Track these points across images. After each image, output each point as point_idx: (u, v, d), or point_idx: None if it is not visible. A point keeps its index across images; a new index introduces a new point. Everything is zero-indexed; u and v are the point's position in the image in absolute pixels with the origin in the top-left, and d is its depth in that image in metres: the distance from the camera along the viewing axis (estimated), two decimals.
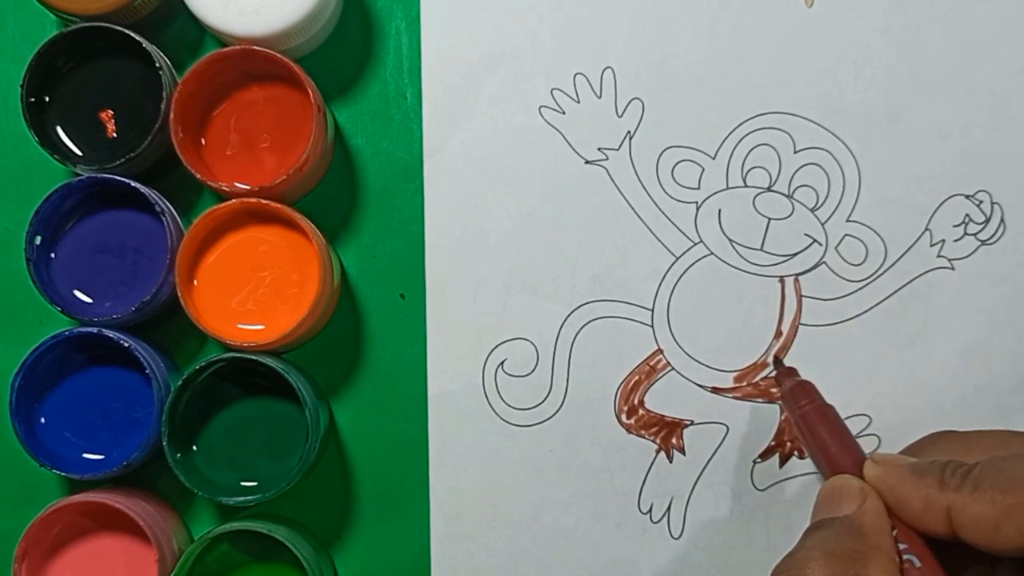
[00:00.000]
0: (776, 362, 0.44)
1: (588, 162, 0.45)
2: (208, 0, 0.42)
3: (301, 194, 0.46)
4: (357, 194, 0.46)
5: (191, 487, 0.41)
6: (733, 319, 0.45)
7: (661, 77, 0.45)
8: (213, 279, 0.43)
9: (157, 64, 0.42)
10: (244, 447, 0.43)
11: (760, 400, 0.45)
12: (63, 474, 0.42)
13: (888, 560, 0.34)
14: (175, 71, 0.44)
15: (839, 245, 0.45)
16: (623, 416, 0.45)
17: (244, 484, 0.43)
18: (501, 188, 0.45)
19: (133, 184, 0.42)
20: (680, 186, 0.45)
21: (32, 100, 0.42)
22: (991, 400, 0.44)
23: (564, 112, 0.46)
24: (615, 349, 0.45)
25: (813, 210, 0.45)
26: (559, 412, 0.45)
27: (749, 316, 0.45)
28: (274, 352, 0.44)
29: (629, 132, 0.45)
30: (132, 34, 0.42)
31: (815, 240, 0.45)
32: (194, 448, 0.43)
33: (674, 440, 0.45)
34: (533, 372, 0.45)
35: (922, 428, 0.41)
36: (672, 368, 0.45)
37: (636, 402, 0.45)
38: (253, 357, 0.41)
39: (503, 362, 0.45)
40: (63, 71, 0.43)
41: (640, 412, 0.45)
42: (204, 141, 0.44)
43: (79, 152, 0.43)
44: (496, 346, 0.45)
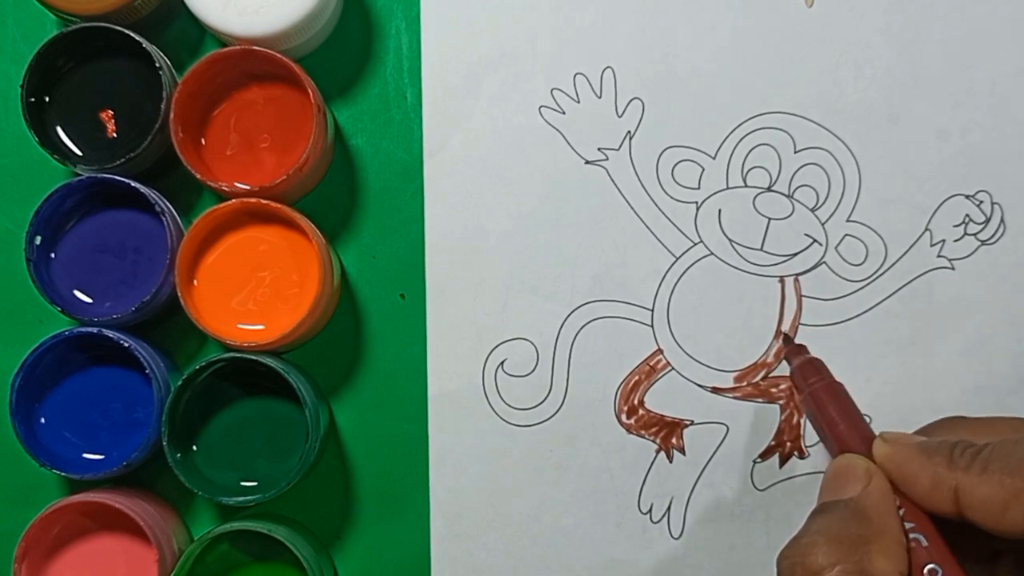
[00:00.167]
0: (785, 339, 0.44)
1: (588, 162, 0.45)
2: (208, 0, 0.42)
3: (301, 194, 0.46)
4: (357, 194, 0.46)
5: (191, 487, 0.41)
6: (733, 319, 0.45)
7: (661, 77, 0.45)
8: (213, 279, 0.43)
9: (157, 64, 0.42)
10: (244, 447, 0.43)
11: (760, 400, 0.45)
12: (63, 474, 0.42)
13: (892, 542, 0.33)
14: (175, 71, 0.44)
15: (839, 245, 0.45)
16: (623, 416, 0.45)
17: (244, 484, 0.43)
18: (501, 188, 0.45)
19: (133, 184, 0.42)
20: (680, 186, 0.45)
21: (32, 100, 0.42)
22: (991, 400, 0.44)
23: (564, 112, 0.46)
24: (615, 349, 0.45)
25: (813, 210, 0.45)
26: (559, 412, 0.45)
27: (749, 316, 0.45)
28: (274, 352, 0.44)
29: (629, 132, 0.45)
30: (132, 34, 0.42)
31: (815, 240, 0.45)
32: (194, 448, 0.43)
33: (674, 440, 0.45)
34: (533, 372, 0.45)
35: None
36: (672, 368, 0.45)
37: (636, 402, 0.45)
38: (253, 357, 0.41)
39: (503, 362, 0.45)
40: (63, 71, 0.43)
41: (640, 412, 0.45)
42: (204, 141, 0.44)
43: (79, 152, 0.43)
44: (496, 346, 0.45)
